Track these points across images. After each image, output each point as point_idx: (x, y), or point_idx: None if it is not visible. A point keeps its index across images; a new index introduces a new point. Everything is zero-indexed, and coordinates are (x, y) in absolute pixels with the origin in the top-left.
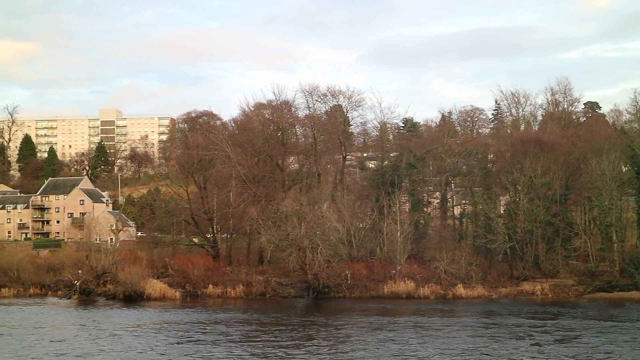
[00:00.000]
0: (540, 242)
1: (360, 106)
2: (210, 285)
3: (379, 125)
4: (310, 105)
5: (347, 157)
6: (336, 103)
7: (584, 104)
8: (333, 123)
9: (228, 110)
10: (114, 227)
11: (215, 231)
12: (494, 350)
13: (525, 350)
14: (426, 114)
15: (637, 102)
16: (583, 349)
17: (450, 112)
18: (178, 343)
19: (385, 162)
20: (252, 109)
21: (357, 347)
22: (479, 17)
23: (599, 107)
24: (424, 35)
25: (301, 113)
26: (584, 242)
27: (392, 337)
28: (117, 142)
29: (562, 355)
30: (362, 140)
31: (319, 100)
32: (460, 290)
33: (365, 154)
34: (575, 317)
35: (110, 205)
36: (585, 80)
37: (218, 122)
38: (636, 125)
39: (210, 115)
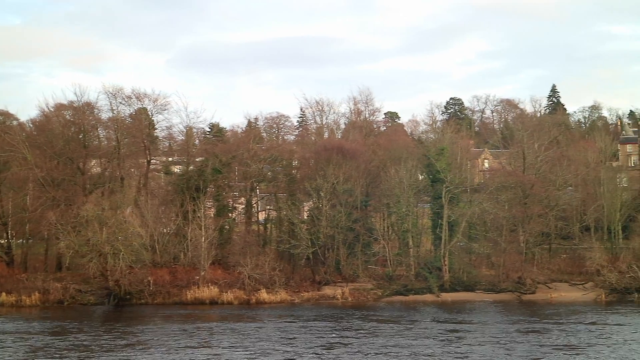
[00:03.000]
0: (342, 247)
1: (165, 110)
2: (4, 293)
3: (184, 130)
4: (114, 108)
5: (152, 161)
6: (141, 106)
7: (384, 113)
8: (137, 126)
9: (29, 111)
10: None
11: (9, 236)
12: (288, 353)
13: (324, 350)
14: (234, 119)
15: (432, 114)
16: (375, 347)
17: (256, 118)
18: None
19: (191, 167)
20: (52, 109)
21: (157, 354)
22: (289, 25)
23: (399, 117)
24: (234, 42)
25: (104, 115)
26: (383, 247)
27: (192, 343)
28: None
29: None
30: (167, 144)
31: (124, 102)
32: (264, 295)
33: (170, 159)
34: (371, 320)
35: None
36: (387, 91)
37: (15, 122)
38: (432, 135)
39: (6, 114)
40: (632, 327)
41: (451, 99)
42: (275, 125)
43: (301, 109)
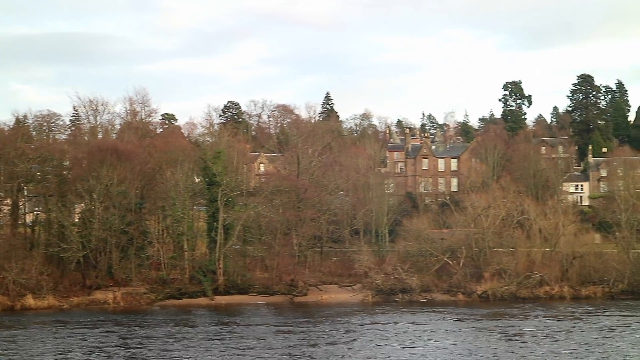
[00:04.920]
0: (115, 250)
1: None
2: None
3: None
4: None
5: None
6: None
7: (161, 115)
8: None
9: None
10: None
11: None
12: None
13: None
14: (1, 116)
15: (210, 117)
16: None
17: (25, 116)
18: None
19: None
20: None
21: None
22: (64, 21)
23: (176, 119)
24: (6, 35)
25: None
26: (157, 251)
27: None
28: None
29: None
30: None
31: None
32: (30, 301)
33: None
34: (143, 325)
35: None
36: (165, 92)
37: None
38: (209, 138)
39: None
40: (399, 326)
41: (229, 102)
42: (45, 124)
43: (74, 108)
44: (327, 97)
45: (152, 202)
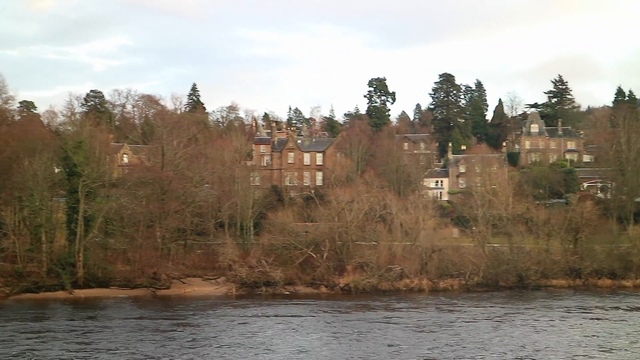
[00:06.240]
0: None
1: None
2: None
3: None
4: None
5: None
6: None
7: (19, 102)
8: None
9: None
10: None
11: None
12: None
13: None
14: None
15: (71, 105)
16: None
17: None
18: None
19: None
20: None
21: None
22: None
23: (35, 107)
24: None
25: None
26: (13, 243)
27: None
28: None
29: None
30: None
31: None
32: None
33: None
34: None
35: None
36: (26, 79)
37: None
38: (70, 127)
39: None
40: (261, 318)
41: (92, 91)
42: None
43: None
44: (194, 89)
45: (8, 192)
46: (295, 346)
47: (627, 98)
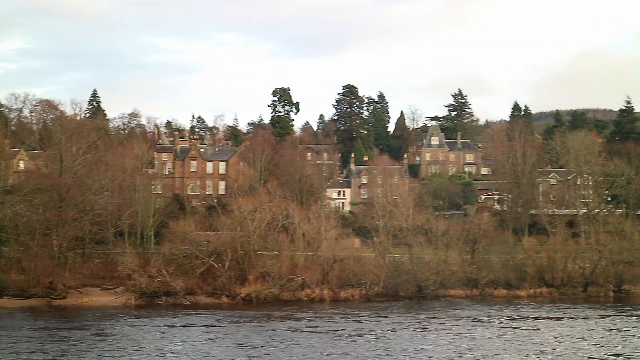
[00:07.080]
0: None
1: None
2: None
3: None
4: None
5: None
6: None
7: None
8: None
9: None
10: None
11: None
12: None
13: None
14: None
15: None
16: None
17: None
18: None
19: None
20: None
21: None
22: None
23: None
24: None
25: None
26: None
27: None
28: None
29: None
30: None
31: None
32: None
33: None
34: None
35: None
36: None
37: None
38: None
39: None
40: (157, 329)
41: None
42: None
43: None
44: (95, 95)
45: None
46: (192, 356)
47: (522, 113)
